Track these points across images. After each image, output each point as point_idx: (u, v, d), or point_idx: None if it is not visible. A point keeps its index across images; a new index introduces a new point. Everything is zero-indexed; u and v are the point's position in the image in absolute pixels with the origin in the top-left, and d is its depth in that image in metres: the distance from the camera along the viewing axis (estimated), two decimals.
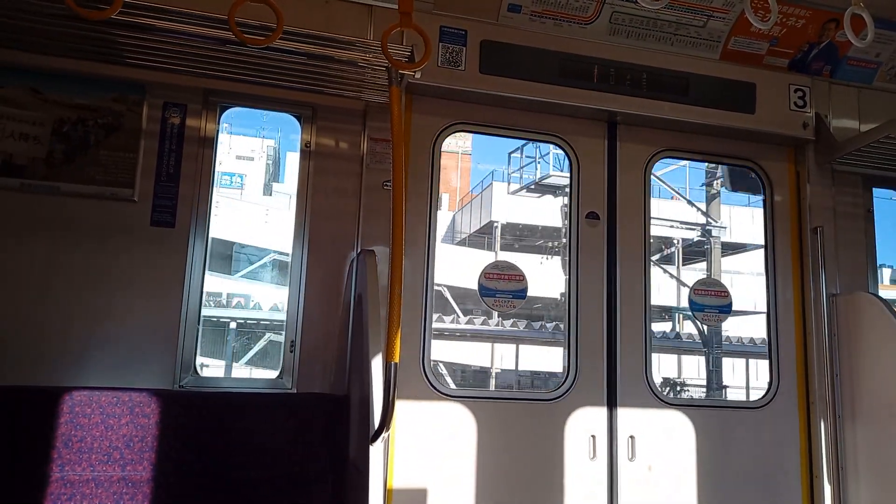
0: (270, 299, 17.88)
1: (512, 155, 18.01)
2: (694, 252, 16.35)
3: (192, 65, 2.94)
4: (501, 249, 16.47)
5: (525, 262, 11.41)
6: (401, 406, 3.16)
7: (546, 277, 13.94)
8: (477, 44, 3.42)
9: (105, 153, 3.02)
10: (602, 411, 3.47)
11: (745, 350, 14.85)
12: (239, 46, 2.72)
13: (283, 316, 3.25)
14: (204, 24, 2.71)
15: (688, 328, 15.98)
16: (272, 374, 3.22)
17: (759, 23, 2.83)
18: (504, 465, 3.31)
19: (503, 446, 3.32)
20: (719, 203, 15.52)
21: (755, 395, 3.64)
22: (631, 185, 3.75)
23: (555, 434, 3.39)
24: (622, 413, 3.49)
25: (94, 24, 2.62)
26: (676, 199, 16.09)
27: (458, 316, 14.35)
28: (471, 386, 15.09)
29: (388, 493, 3.08)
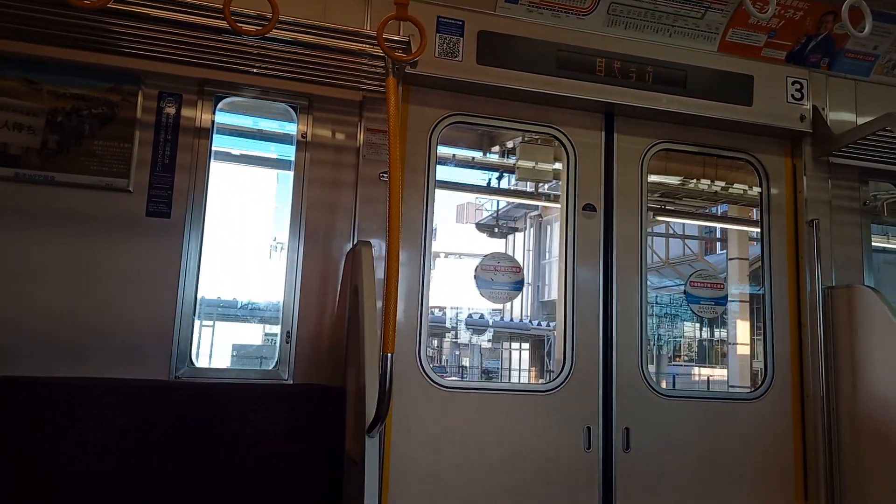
0: None
1: None
2: None
3: (187, 54, 2.92)
4: None
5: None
6: (397, 397, 3.16)
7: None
8: (474, 34, 3.41)
9: (100, 143, 3.00)
10: (597, 402, 3.48)
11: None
12: (235, 36, 2.71)
13: None
14: (199, 13, 2.70)
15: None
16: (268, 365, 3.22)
17: (757, 14, 2.82)
18: (500, 457, 3.31)
19: (499, 437, 3.33)
20: None
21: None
22: (628, 177, 3.74)
23: (550, 425, 3.40)
24: (618, 404, 3.50)
25: (89, 13, 2.60)
26: None
27: None
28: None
29: (384, 485, 3.09)
